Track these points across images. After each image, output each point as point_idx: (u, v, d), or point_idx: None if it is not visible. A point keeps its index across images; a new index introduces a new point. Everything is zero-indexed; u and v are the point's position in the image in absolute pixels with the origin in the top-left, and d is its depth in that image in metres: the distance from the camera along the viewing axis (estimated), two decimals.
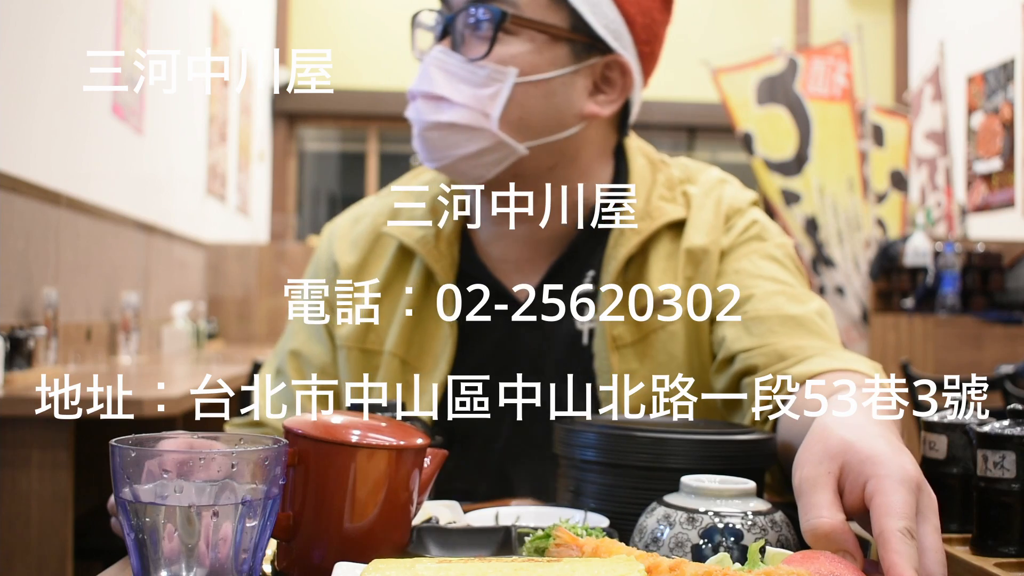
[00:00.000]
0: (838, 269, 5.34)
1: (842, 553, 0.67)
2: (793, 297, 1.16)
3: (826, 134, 5.33)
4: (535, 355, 1.22)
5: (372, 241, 1.29)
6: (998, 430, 0.82)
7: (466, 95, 1.15)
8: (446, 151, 1.17)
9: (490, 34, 1.15)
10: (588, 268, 1.23)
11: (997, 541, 0.82)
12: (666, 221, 1.21)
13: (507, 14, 1.15)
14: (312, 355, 1.28)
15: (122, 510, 0.64)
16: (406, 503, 0.76)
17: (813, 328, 1.12)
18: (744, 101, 5.37)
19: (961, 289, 4.35)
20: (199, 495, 0.64)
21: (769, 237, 1.24)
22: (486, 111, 1.15)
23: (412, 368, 1.23)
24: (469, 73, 1.15)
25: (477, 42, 1.16)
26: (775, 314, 1.13)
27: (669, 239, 1.22)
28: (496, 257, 1.26)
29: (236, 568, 0.65)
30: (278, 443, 0.69)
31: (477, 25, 1.16)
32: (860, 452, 0.70)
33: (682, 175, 1.29)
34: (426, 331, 1.23)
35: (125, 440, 0.66)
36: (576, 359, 1.20)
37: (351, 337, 1.25)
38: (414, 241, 1.23)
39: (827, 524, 0.67)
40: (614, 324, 1.18)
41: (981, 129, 6.15)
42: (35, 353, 2.71)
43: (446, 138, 1.16)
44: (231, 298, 5.33)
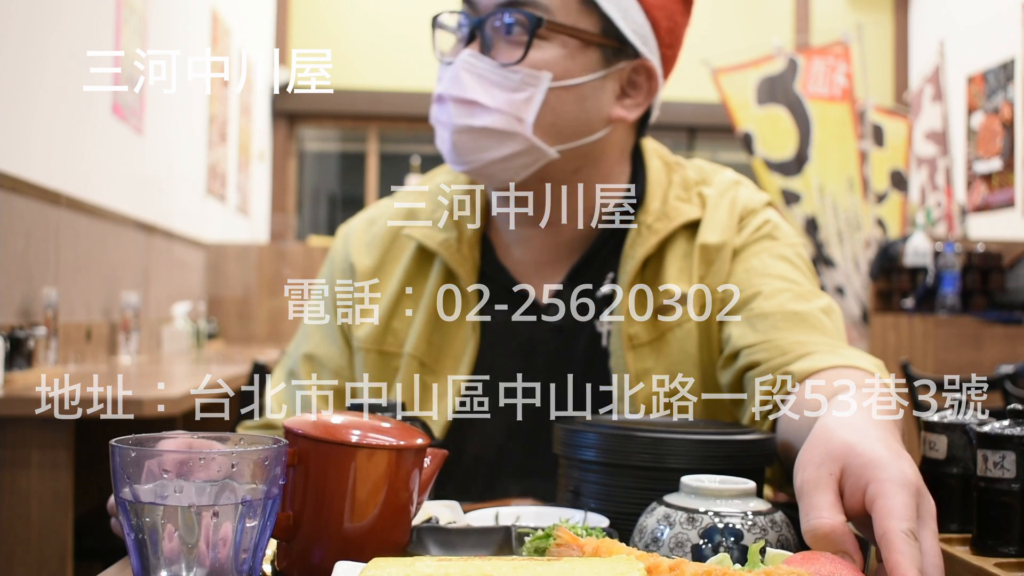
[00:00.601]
0: (838, 269, 5.34)
1: (841, 554, 0.67)
2: (800, 295, 1.16)
3: (826, 134, 5.33)
4: (556, 357, 1.22)
5: (389, 242, 1.29)
6: (998, 430, 0.82)
7: (500, 100, 1.15)
8: (477, 154, 1.17)
9: (524, 39, 1.15)
10: (608, 270, 1.24)
11: (997, 541, 0.82)
12: (683, 221, 1.22)
13: (542, 19, 1.15)
14: (327, 358, 1.28)
15: (122, 510, 0.64)
16: (406, 503, 0.76)
17: (816, 324, 1.13)
18: (744, 101, 5.37)
19: (961, 289, 4.35)
20: (199, 495, 0.64)
21: (781, 236, 1.24)
22: (520, 116, 1.16)
23: (431, 370, 1.22)
24: (502, 78, 1.15)
25: (509, 47, 1.16)
26: (779, 311, 1.13)
27: (685, 239, 1.23)
28: (517, 259, 1.26)
29: (236, 568, 0.65)
30: (278, 443, 0.69)
31: (508, 29, 1.16)
32: (861, 455, 0.71)
33: (697, 176, 1.29)
34: (446, 333, 1.23)
35: (125, 440, 0.66)
36: (596, 360, 1.21)
37: (369, 339, 1.24)
38: (436, 244, 1.23)
39: (827, 524, 0.68)
40: (631, 323, 1.19)
41: (981, 129, 6.15)
42: (35, 353, 2.71)
43: (478, 141, 1.16)
44: (231, 298, 5.33)
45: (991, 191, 6.04)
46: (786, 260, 1.22)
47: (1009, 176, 5.86)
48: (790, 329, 1.11)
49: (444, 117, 1.17)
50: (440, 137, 1.19)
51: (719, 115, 5.72)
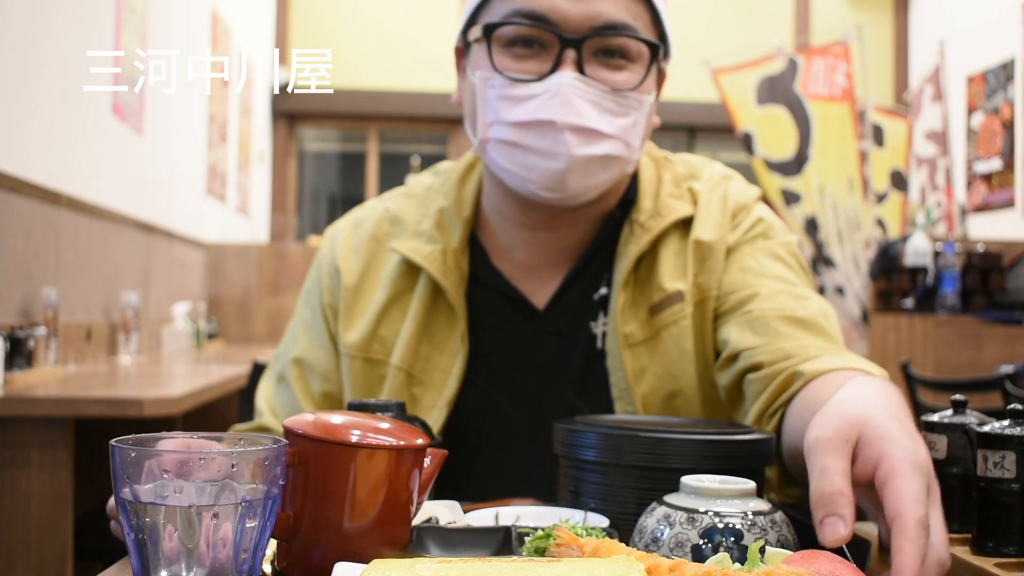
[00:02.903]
0: (838, 269, 5.34)
1: (835, 517, 0.67)
2: (797, 296, 1.16)
3: (826, 134, 5.33)
4: (552, 362, 1.21)
5: (373, 247, 1.27)
6: (998, 430, 0.82)
7: (614, 126, 1.12)
8: (584, 181, 1.13)
9: (622, 63, 1.13)
10: (604, 272, 1.23)
11: (997, 541, 0.82)
12: (675, 219, 1.21)
13: (658, 47, 1.14)
14: (316, 362, 1.26)
15: (122, 510, 0.64)
16: (406, 503, 0.76)
17: (818, 329, 1.13)
18: (744, 101, 5.37)
19: (961, 289, 4.35)
20: (199, 495, 0.64)
21: (774, 235, 1.24)
22: (629, 140, 1.14)
23: (419, 382, 1.20)
24: (614, 104, 1.12)
25: (607, 70, 1.12)
26: (780, 314, 1.13)
27: (678, 236, 1.22)
28: (516, 263, 1.24)
29: (236, 568, 0.65)
30: (278, 443, 0.69)
31: (610, 52, 1.13)
32: (879, 428, 0.71)
33: (686, 171, 1.29)
34: (434, 344, 1.21)
35: (125, 440, 0.66)
36: (592, 362, 1.20)
37: (355, 346, 1.22)
38: (422, 258, 1.21)
39: (837, 487, 0.68)
40: (626, 322, 1.18)
41: (981, 129, 6.15)
42: (35, 353, 2.71)
43: (590, 168, 1.12)
44: (231, 298, 5.33)
45: (991, 191, 6.04)
46: (780, 259, 1.21)
47: (1009, 176, 5.86)
48: (793, 332, 1.11)
49: (559, 148, 1.10)
50: (538, 166, 1.12)
51: (719, 115, 5.73)
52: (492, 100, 1.13)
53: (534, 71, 1.12)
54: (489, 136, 1.15)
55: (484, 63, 1.14)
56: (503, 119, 1.12)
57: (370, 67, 6.83)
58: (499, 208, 1.24)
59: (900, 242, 4.82)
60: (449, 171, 1.31)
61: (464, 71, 1.22)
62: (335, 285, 1.26)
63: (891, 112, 6.01)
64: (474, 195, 1.26)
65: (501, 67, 1.13)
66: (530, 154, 1.12)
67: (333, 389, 1.25)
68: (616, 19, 1.11)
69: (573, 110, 1.09)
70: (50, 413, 2.17)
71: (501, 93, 1.13)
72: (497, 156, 1.15)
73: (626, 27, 1.11)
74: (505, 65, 1.13)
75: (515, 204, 1.21)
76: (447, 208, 1.25)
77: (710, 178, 1.27)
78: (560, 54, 1.10)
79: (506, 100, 1.12)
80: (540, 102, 1.10)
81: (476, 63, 1.16)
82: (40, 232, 2.98)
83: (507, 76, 1.12)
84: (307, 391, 1.26)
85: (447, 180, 1.29)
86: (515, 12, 1.12)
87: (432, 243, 1.22)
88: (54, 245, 3.09)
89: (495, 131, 1.14)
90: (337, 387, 1.26)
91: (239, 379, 3.05)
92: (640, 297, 1.20)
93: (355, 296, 1.24)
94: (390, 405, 0.98)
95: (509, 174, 1.15)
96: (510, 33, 1.12)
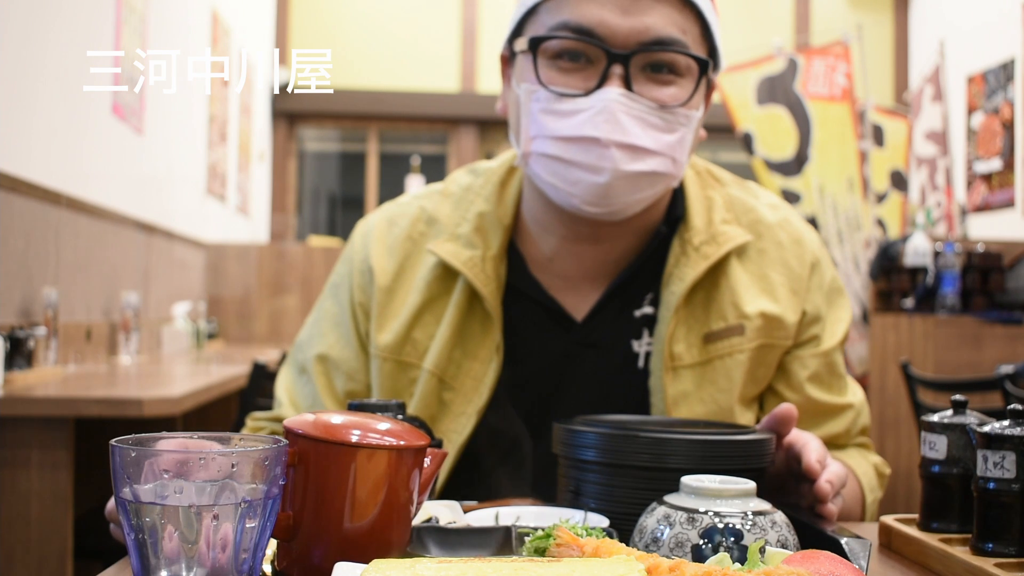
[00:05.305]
0: (838, 269, 5.34)
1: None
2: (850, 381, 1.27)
3: (826, 134, 5.33)
4: (587, 377, 1.19)
5: (409, 247, 1.24)
6: (998, 430, 0.82)
7: (660, 143, 1.10)
8: (628, 197, 1.11)
9: (670, 78, 1.11)
10: (648, 291, 1.21)
11: (997, 541, 0.82)
12: (732, 246, 1.19)
13: (707, 63, 1.12)
14: (341, 360, 1.23)
15: (122, 510, 0.64)
16: (406, 503, 0.76)
17: (858, 424, 1.25)
18: (744, 101, 5.37)
19: (961, 289, 4.35)
20: (199, 495, 0.64)
21: (842, 286, 1.27)
22: (675, 157, 1.12)
23: (449, 387, 1.18)
24: (661, 120, 1.10)
25: (654, 85, 1.10)
26: (846, 391, 1.25)
27: (736, 264, 1.20)
28: (555, 273, 1.22)
29: (236, 568, 0.65)
30: (278, 443, 0.69)
31: (658, 67, 1.10)
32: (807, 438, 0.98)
33: (741, 193, 1.27)
34: (467, 351, 1.18)
35: (125, 440, 0.66)
36: (630, 380, 1.18)
37: (387, 348, 1.20)
38: (460, 263, 1.17)
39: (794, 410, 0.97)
40: (675, 343, 1.16)
41: (981, 129, 6.15)
42: (35, 353, 2.71)
43: (635, 184, 1.10)
44: (231, 298, 5.33)
45: (991, 191, 6.04)
46: (844, 322, 1.25)
47: (1009, 176, 5.86)
48: (839, 414, 1.23)
49: (604, 162, 1.08)
50: (582, 180, 1.10)
51: (719, 115, 5.71)
52: (536, 113, 1.11)
53: (580, 86, 1.10)
54: (532, 150, 1.13)
55: (529, 75, 1.12)
56: (547, 133, 1.10)
57: (370, 67, 6.83)
58: (540, 219, 1.21)
59: (900, 242, 4.81)
60: (489, 173, 1.27)
61: (509, 80, 1.19)
62: (367, 284, 1.23)
63: (891, 112, 6.01)
64: (514, 202, 1.23)
65: (546, 80, 1.11)
66: (574, 168, 1.10)
67: (357, 388, 1.23)
68: (664, 34, 1.08)
69: (619, 127, 1.07)
70: (50, 413, 2.17)
71: (546, 107, 1.11)
72: (540, 170, 1.13)
73: (675, 42, 1.09)
74: (550, 78, 1.11)
75: (557, 216, 1.18)
76: (487, 213, 1.22)
77: (771, 212, 1.25)
78: (607, 69, 1.08)
79: (551, 114, 1.10)
80: (585, 117, 1.08)
81: (522, 74, 1.14)
82: (40, 232, 2.98)
83: (552, 90, 1.10)
84: (330, 389, 1.23)
85: (487, 183, 1.25)
86: (562, 25, 1.10)
87: (471, 248, 1.19)
88: (54, 245, 3.09)
89: (538, 145, 1.12)
90: (361, 386, 1.23)
91: (239, 379, 3.05)
92: (693, 322, 1.17)
93: (389, 297, 1.21)
94: (390, 405, 0.98)
95: (552, 188, 1.13)
96: (556, 46, 1.11)
